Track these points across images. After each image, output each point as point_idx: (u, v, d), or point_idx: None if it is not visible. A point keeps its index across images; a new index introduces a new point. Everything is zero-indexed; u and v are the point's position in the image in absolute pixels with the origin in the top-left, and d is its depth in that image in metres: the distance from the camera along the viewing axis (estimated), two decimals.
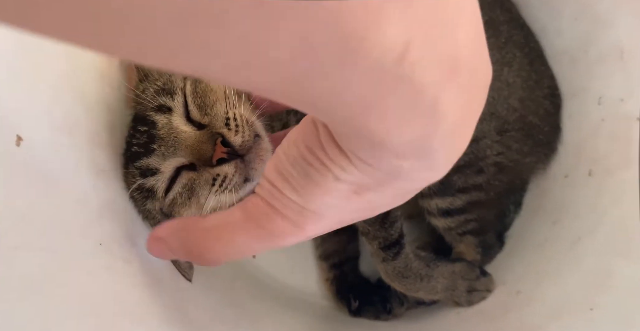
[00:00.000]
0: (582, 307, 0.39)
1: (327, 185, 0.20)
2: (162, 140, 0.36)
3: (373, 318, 0.55)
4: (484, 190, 0.51)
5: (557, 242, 0.49)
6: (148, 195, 0.37)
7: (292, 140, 0.21)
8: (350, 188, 0.21)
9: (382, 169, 0.19)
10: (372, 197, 0.21)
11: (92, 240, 0.31)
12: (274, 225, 0.22)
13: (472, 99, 0.18)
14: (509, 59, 0.51)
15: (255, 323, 0.48)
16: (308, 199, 0.21)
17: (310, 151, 0.20)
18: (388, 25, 0.13)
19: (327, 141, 0.19)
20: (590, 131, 0.50)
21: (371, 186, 0.20)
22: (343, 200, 0.21)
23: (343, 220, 0.23)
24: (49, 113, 0.30)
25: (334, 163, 0.20)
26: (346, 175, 0.20)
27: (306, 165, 0.21)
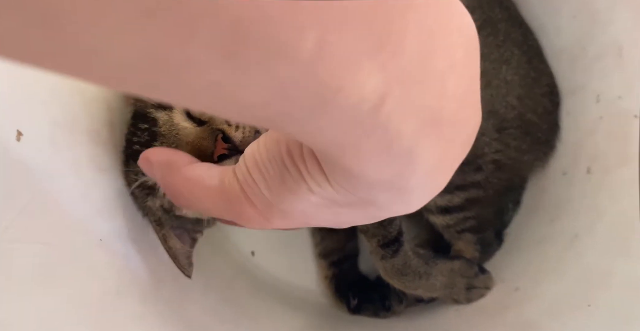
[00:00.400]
0: (580, 304, 0.40)
1: (299, 193, 0.20)
2: (164, 137, 0.36)
3: (372, 315, 0.55)
4: (483, 188, 0.51)
5: (556, 240, 0.49)
6: (149, 193, 0.38)
7: (276, 136, 0.21)
8: (321, 202, 0.21)
9: (357, 196, 0.19)
10: (341, 213, 0.21)
11: (92, 236, 0.31)
12: (242, 209, 0.22)
13: (453, 148, 0.18)
14: (507, 57, 0.51)
15: (254, 321, 0.48)
16: (278, 199, 0.21)
17: (291, 157, 0.20)
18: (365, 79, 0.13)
19: (308, 155, 0.19)
20: (589, 129, 0.50)
21: (343, 205, 0.21)
22: (313, 208, 0.21)
23: (309, 223, 0.23)
24: (48, 110, 0.30)
25: (310, 177, 0.20)
26: (320, 190, 0.20)
27: (283, 168, 0.20)
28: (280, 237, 0.62)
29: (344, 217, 0.22)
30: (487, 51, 0.50)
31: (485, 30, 0.51)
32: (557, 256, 0.47)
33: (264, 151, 0.21)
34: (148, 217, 0.40)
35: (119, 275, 0.33)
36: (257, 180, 0.21)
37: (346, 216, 0.22)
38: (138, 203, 0.39)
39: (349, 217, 0.22)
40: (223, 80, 0.12)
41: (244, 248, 0.61)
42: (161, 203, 0.38)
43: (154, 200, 0.38)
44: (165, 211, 0.39)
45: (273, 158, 0.21)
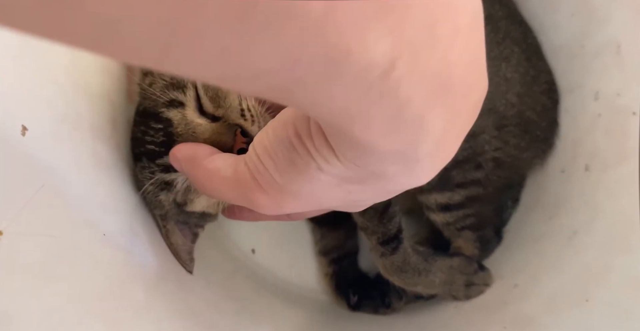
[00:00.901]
0: (579, 300, 0.40)
1: (309, 173, 0.21)
2: (181, 136, 0.36)
3: (372, 312, 0.55)
4: (483, 185, 0.52)
5: (554, 236, 0.49)
6: (164, 188, 0.38)
7: (283, 121, 0.21)
8: (332, 180, 0.21)
9: (366, 170, 0.20)
10: (352, 191, 0.22)
11: (95, 230, 0.31)
12: (255, 196, 0.23)
13: (462, 114, 0.18)
14: (507, 55, 0.52)
15: (255, 316, 0.48)
16: (289, 182, 0.22)
17: (298, 137, 0.20)
18: (374, 42, 0.13)
19: (316, 132, 0.20)
20: (587, 126, 0.50)
21: (353, 181, 0.21)
22: (323, 188, 0.21)
23: (322, 205, 0.23)
24: (52, 106, 0.31)
25: (319, 154, 0.20)
26: (330, 168, 0.20)
27: (292, 149, 0.21)
28: (281, 235, 0.62)
29: (355, 195, 0.22)
30: (487, 48, 0.50)
31: (485, 27, 0.51)
32: (556, 253, 0.48)
33: (272, 137, 0.22)
34: (155, 209, 0.40)
35: (122, 269, 0.33)
36: (267, 166, 0.22)
37: (357, 194, 0.22)
38: (148, 197, 0.39)
39: (359, 195, 0.22)
40: (234, 45, 0.12)
41: (245, 245, 0.61)
42: (174, 197, 0.38)
43: (168, 195, 0.38)
44: (177, 205, 0.39)
45: (281, 141, 0.21)
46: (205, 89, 0.37)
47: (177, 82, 0.38)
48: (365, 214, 0.49)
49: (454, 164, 0.53)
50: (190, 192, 0.38)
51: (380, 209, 0.48)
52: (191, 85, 0.38)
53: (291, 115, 0.21)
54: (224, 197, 0.26)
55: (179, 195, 0.38)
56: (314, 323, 0.53)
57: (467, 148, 0.50)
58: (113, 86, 0.40)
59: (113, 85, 0.40)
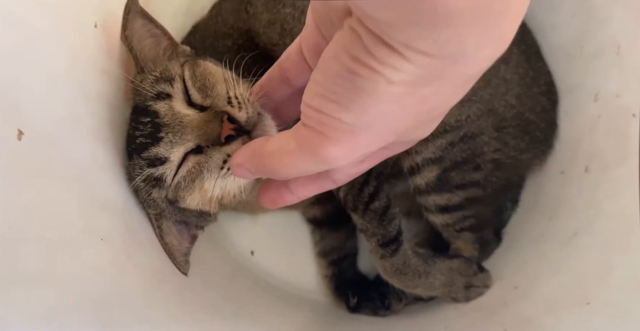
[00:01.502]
0: (579, 301, 0.40)
1: (379, 91, 0.20)
2: (168, 126, 0.36)
3: (371, 314, 0.55)
4: (482, 187, 0.52)
5: (554, 238, 0.49)
6: (155, 184, 0.38)
7: (331, 56, 0.21)
8: (404, 90, 0.20)
9: (442, 54, 0.19)
10: (428, 95, 0.21)
11: (94, 235, 0.31)
12: (327, 152, 0.23)
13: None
14: (506, 56, 0.52)
15: (254, 318, 0.48)
16: (360, 113, 0.21)
17: (355, 60, 0.20)
18: None
19: (374, 43, 0.19)
20: (587, 127, 0.50)
21: (428, 81, 0.20)
22: (397, 104, 0.21)
23: (398, 129, 0.22)
24: (50, 108, 0.30)
25: (384, 66, 0.19)
26: (400, 75, 0.19)
27: (352, 76, 0.20)
28: (280, 237, 0.62)
29: (431, 101, 0.21)
30: None
31: None
32: (556, 254, 0.48)
33: (325, 80, 0.21)
34: (149, 209, 0.40)
35: (120, 271, 0.33)
36: (330, 112, 0.21)
37: (433, 99, 0.21)
38: (141, 196, 0.39)
39: (436, 99, 0.21)
40: None
41: (244, 247, 0.61)
42: (166, 193, 0.38)
43: (160, 192, 0.38)
44: (169, 201, 0.39)
45: (338, 76, 0.20)
46: (192, 80, 0.38)
47: (166, 75, 0.38)
48: (365, 216, 0.49)
49: (452, 165, 0.53)
50: (180, 188, 0.38)
51: (380, 211, 0.48)
52: (179, 77, 0.38)
53: (336, 47, 0.20)
54: (298, 169, 0.25)
55: (170, 192, 0.38)
56: (313, 324, 0.52)
57: (466, 150, 0.50)
58: (111, 87, 0.40)
59: (111, 86, 0.40)
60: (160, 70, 0.40)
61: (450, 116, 0.49)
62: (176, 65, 0.40)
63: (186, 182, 0.37)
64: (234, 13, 0.52)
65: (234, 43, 0.50)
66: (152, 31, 0.44)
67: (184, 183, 0.37)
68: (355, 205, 0.49)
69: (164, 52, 0.44)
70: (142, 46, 0.42)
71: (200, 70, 0.39)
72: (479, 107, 0.50)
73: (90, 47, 0.36)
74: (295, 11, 0.48)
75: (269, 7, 0.49)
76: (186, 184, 0.37)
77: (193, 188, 0.37)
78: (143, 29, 0.43)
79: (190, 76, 0.38)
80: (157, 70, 0.40)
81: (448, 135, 0.49)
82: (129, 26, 0.42)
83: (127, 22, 0.42)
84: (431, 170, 0.50)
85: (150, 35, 0.43)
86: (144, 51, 0.42)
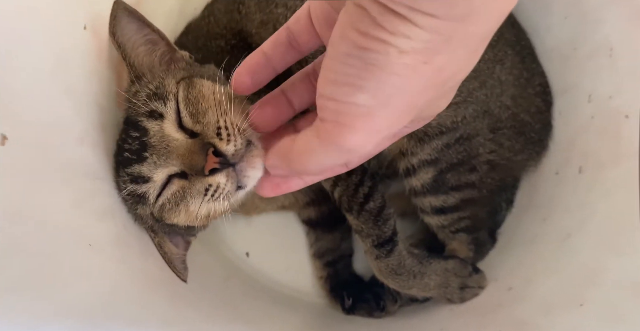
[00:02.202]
0: (573, 303, 0.40)
1: (392, 64, 0.20)
2: (154, 148, 0.35)
3: (367, 315, 0.55)
4: (477, 188, 0.52)
5: (548, 239, 0.50)
6: (139, 201, 0.37)
7: (338, 36, 0.20)
8: (417, 59, 0.20)
9: (450, 14, 0.18)
10: (442, 62, 0.20)
11: (82, 241, 0.30)
12: (350, 142, 0.23)
13: None
14: (501, 57, 0.52)
15: (249, 322, 0.48)
16: (376, 89, 0.20)
17: (364, 34, 0.20)
18: None
19: (381, 13, 0.19)
20: (581, 128, 0.50)
21: (440, 47, 0.20)
22: (413, 76, 0.20)
23: (416, 104, 0.22)
24: (36, 112, 0.30)
25: (394, 36, 0.19)
26: (411, 43, 0.19)
27: (364, 52, 0.20)
28: (275, 238, 0.62)
29: (447, 68, 0.20)
30: None
31: None
32: (550, 255, 0.48)
33: (336, 62, 0.21)
34: (139, 221, 0.40)
35: (113, 278, 0.32)
36: (345, 97, 0.21)
37: (448, 64, 0.20)
38: (129, 209, 0.39)
39: (451, 64, 0.21)
40: None
41: (239, 249, 0.61)
42: (151, 210, 0.38)
43: (144, 208, 0.38)
44: (155, 218, 0.39)
45: (349, 56, 0.20)
46: (185, 103, 0.37)
47: (160, 92, 0.37)
48: (360, 216, 0.48)
49: (448, 167, 0.53)
50: (165, 210, 0.37)
51: (375, 212, 0.48)
52: (173, 97, 0.37)
53: (343, 24, 0.20)
54: (328, 163, 0.25)
55: (155, 211, 0.38)
56: (308, 326, 0.52)
57: (461, 151, 0.50)
58: (102, 90, 0.39)
59: (102, 89, 0.40)
60: (156, 85, 0.38)
61: (446, 118, 0.49)
62: (172, 81, 0.38)
63: (170, 204, 0.37)
64: (226, 13, 0.51)
65: (227, 43, 0.50)
66: (147, 36, 0.41)
67: (168, 206, 0.37)
68: (350, 205, 0.49)
69: (161, 59, 0.42)
70: (137, 53, 0.41)
71: (194, 93, 0.37)
72: (474, 108, 0.50)
73: (80, 49, 0.35)
74: (287, 11, 0.48)
75: (262, 7, 0.49)
76: (170, 207, 0.37)
77: (178, 211, 0.37)
78: (137, 34, 0.41)
79: (184, 98, 0.37)
80: (153, 83, 0.38)
81: (444, 136, 0.49)
82: (119, 31, 0.40)
83: (114, 27, 0.40)
84: (427, 171, 0.50)
85: (145, 41, 0.41)
86: (138, 59, 0.41)
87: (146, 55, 0.41)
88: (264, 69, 0.31)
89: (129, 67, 0.40)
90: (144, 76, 0.40)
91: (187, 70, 0.41)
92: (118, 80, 0.40)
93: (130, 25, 0.40)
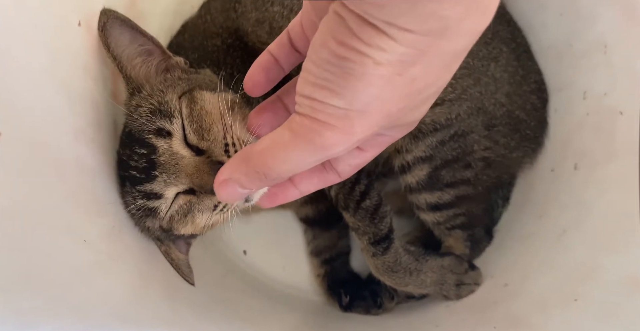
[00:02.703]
0: (567, 298, 0.40)
1: (368, 74, 0.20)
2: (164, 166, 0.35)
3: (364, 312, 0.55)
4: (472, 185, 0.52)
5: (544, 235, 0.50)
6: (149, 214, 0.38)
7: (319, 43, 0.21)
8: (392, 70, 0.20)
9: (425, 30, 0.19)
10: (416, 74, 0.21)
11: (77, 237, 0.31)
12: (323, 138, 0.22)
13: None
14: (496, 54, 0.52)
15: (246, 320, 0.48)
16: (352, 97, 0.21)
17: (343, 44, 0.20)
18: None
19: (358, 25, 0.19)
20: (576, 125, 0.51)
21: (414, 60, 0.20)
22: (387, 86, 0.21)
23: (390, 111, 0.22)
24: (30, 109, 0.30)
25: (370, 47, 0.20)
26: (386, 55, 0.20)
27: (341, 61, 0.20)
28: (273, 236, 0.62)
29: (420, 79, 0.21)
30: (475, 48, 0.50)
31: None
32: (546, 251, 0.48)
33: (316, 67, 0.21)
34: (144, 232, 0.40)
35: (104, 274, 0.32)
36: (323, 98, 0.21)
37: (422, 75, 0.21)
38: (135, 221, 0.39)
39: (425, 76, 0.21)
40: None
41: (236, 247, 0.61)
42: (160, 223, 0.38)
43: (153, 221, 0.38)
44: (163, 230, 0.39)
45: (327, 63, 0.21)
46: (189, 120, 0.36)
47: (165, 109, 0.37)
48: (357, 214, 0.49)
49: (443, 164, 0.53)
50: (174, 221, 0.38)
51: (371, 209, 0.48)
52: (178, 113, 0.36)
53: (323, 33, 0.21)
54: (296, 161, 0.24)
55: (164, 222, 0.38)
56: (306, 324, 0.52)
57: (456, 148, 0.50)
58: (97, 86, 0.39)
59: (97, 85, 0.39)
60: (158, 101, 0.37)
61: (440, 115, 0.49)
62: (174, 97, 0.38)
63: (179, 216, 0.38)
64: (223, 12, 0.51)
65: (223, 42, 0.50)
66: (142, 47, 0.40)
67: (177, 217, 0.38)
68: (347, 203, 0.49)
69: (157, 68, 0.41)
70: (133, 65, 0.40)
71: (197, 109, 0.37)
72: (469, 105, 0.50)
73: (74, 46, 0.35)
74: (284, 9, 0.48)
75: (258, 6, 0.49)
76: (179, 218, 0.38)
77: (186, 222, 0.38)
78: (131, 45, 0.39)
79: (188, 115, 0.37)
80: (154, 98, 0.38)
81: (438, 133, 0.49)
82: (113, 44, 0.38)
83: (107, 39, 0.38)
84: (422, 168, 0.50)
85: (140, 52, 0.40)
86: (135, 70, 0.40)
87: (142, 66, 0.40)
88: (274, 66, 0.31)
89: (126, 79, 0.39)
90: (143, 88, 0.39)
91: (185, 80, 0.40)
92: (113, 77, 0.40)
93: (123, 35, 0.39)
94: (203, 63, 0.48)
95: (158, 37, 0.41)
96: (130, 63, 0.39)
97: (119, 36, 0.39)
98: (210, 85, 0.40)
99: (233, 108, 0.37)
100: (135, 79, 0.40)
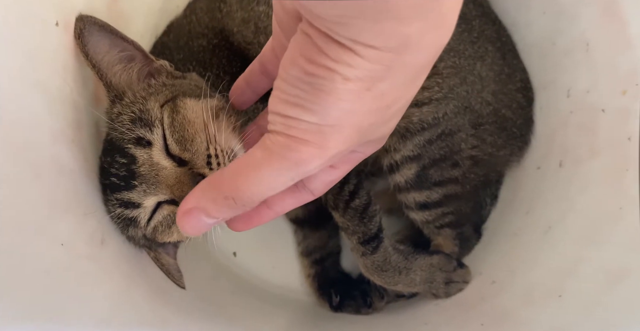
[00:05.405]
0: (552, 294, 0.41)
1: (337, 90, 0.21)
2: (143, 177, 0.35)
3: (354, 312, 0.55)
4: (460, 183, 0.52)
5: (530, 232, 0.50)
6: (130, 224, 0.37)
7: (289, 61, 0.21)
8: (361, 86, 0.21)
9: (389, 46, 0.20)
10: (385, 89, 0.21)
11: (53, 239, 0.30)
12: (298, 154, 0.22)
13: None
14: (482, 53, 0.52)
15: (236, 320, 0.48)
16: (323, 112, 0.21)
17: (311, 61, 0.21)
18: None
19: (325, 42, 0.20)
20: (560, 123, 0.51)
21: (381, 74, 0.21)
22: (357, 101, 0.21)
23: (362, 126, 0.23)
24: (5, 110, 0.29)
25: (337, 63, 0.20)
26: (353, 71, 0.20)
27: (311, 77, 0.21)
28: (263, 237, 0.62)
29: (389, 94, 0.22)
30: (461, 48, 0.51)
31: (459, 26, 0.52)
32: (532, 247, 0.48)
33: (286, 85, 0.22)
34: (130, 241, 0.40)
35: (87, 277, 0.32)
36: (296, 115, 0.22)
37: (390, 90, 0.21)
38: (120, 229, 0.39)
39: (393, 90, 0.22)
40: None
41: (226, 249, 0.60)
42: (143, 232, 0.38)
43: (135, 231, 0.38)
44: (147, 239, 0.39)
45: (298, 80, 0.21)
46: (171, 130, 0.35)
47: (146, 118, 0.36)
48: (346, 214, 0.49)
49: (431, 163, 0.53)
50: (158, 232, 0.37)
51: (361, 209, 0.48)
52: (159, 122, 0.36)
53: (293, 51, 0.21)
54: (268, 181, 0.23)
55: (147, 232, 0.38)
56: (296, 325, 0.52)
57: (443, 147, 0.50)
58: (76, 87, 0.38)
59: (77, 86, 0.38)
60: (139, 108, 0.36)
61: (427, 114, 0.49)
62: (156, 105, 0.37)
63: (163, 227, 0.37)
64: (208, 12, 0.51)
65: (209, 42, 0.49)
66: (123, 53, 0.38)
67: (161, 228, 0.37)
68: (336, 203, 0.49)
69: (139, 74, 0.40)
70: (114, 73, 0.38)
71: (179, 119, 0.36)
72: (455, 104, 0.50)
73: (52, 46, 0.34)
74: (269, 9, 0.48)
75: (243, 5, 0.49)
76: (163, 229, 0.37)
77: (171, 232, 0.38)
78: (111, 51, 0.38)
79: (169, 125, 0.36)
80: (136, 105, 0.37)
81: (426, 132, 0.49)
82: (91, 51, 0.37)
83: (85, 47, 0.36)
84: (410, 167, 0.50)
85: (120, 58, 0.38)
86: (115, 77, 0.38)
87: (124, 73, 0.39)
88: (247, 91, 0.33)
89: (107, 86, 0.38)
90: (124, 95, 0.38)
91: (169, 87, 0.39)
92: (95, 78, 0.39)
93: (102, 42, 0.37)
94: (189, 63, 0.48)
95: (143, 36, 0.40)
96: (110, 70, 0.38)
97: (97, 43, 0.37)
98: (196, 91, 0.39)
99: (219, 116, 0.36)
100: (117, 86, 0.38)
